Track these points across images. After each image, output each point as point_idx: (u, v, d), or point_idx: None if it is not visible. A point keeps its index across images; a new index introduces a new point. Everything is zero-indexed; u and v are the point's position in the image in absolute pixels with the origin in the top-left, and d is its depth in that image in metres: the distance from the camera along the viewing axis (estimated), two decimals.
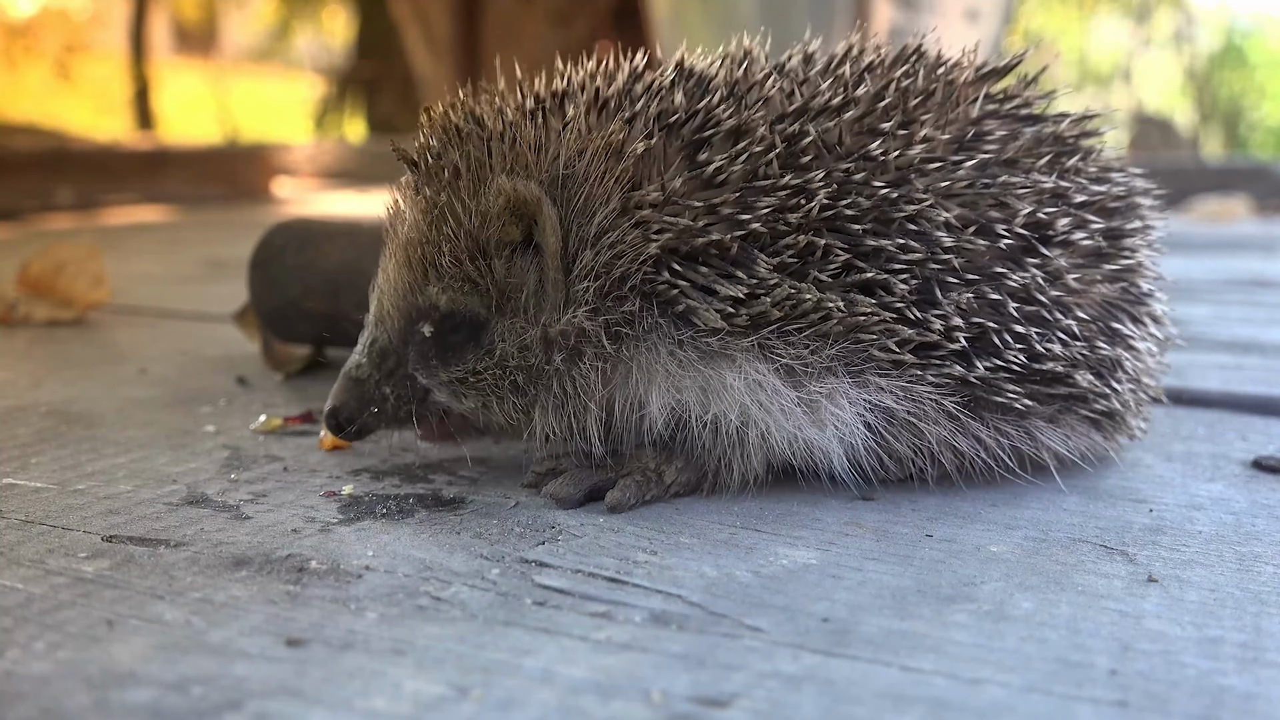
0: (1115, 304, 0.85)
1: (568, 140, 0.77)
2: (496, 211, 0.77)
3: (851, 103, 0.79)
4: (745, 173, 0.76)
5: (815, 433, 0.79)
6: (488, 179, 0.78)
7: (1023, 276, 0.78)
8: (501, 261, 0.78)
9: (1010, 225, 0.79)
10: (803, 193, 0.76)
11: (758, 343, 0.77)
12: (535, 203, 0.76)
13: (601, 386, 0.79)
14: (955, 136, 0.81)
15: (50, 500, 0.81)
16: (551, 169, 0.77)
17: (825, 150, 0.77)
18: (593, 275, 0.76)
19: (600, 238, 0.76)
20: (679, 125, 0.77)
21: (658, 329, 0.77)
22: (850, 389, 0.78)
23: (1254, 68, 12.72)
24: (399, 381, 0.83)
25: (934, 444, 0.81)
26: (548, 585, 0.66)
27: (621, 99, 0.80)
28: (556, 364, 0.78)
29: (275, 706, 0.51)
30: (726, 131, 0.77)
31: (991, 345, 0.78)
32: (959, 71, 0.85)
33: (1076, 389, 0.82)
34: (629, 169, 0.76)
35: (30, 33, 10.96)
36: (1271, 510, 0.83)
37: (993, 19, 3.83)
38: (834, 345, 0.77)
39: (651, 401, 0.79)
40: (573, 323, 0.77)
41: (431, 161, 0.81)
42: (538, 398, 0.80)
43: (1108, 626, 0.61)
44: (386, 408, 0.83)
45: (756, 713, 0.51)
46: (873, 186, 0.76)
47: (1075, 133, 0.87)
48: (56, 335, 1.57)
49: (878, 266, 0.76)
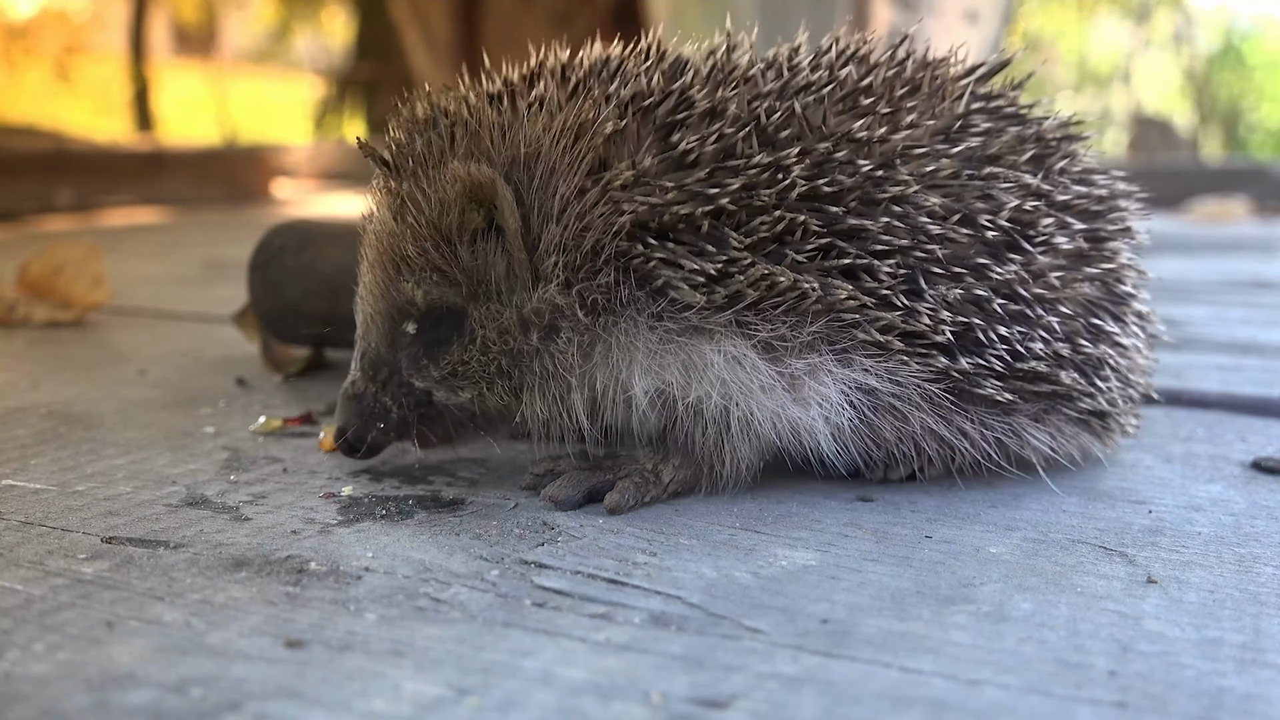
0: (1097, 303, 0.84)
1: (532, 121, 0.77)
2: (454, 197, 0.77)
3: (836, 84, 0.79)
4: (717, 152, 0.76)
5: (799, 411, 0.78)
6: (446, 166, 0.78)
7: (1006, 271, 0.78)
8: (466, 248, 0.78)
9: (995, 218, 0.79)
10: (778, 170, 0.75)
11: (735, 319, 0.76)
12: (490, 184, 0.75)
13: (581, 362, 0.78)
14: (940, 127, 0.81)
15: (50, 501, 0.81)
16: (512, 150, 0.77)
17: (807, 130, 0.77)
18: (561, 250, 0.76)
19: (565, 212, 0.76)
20: (653, 107, 0.77)
21: (635, 303, 0.77)
22: (835, 367, 0.78)
23: (1253, 69, 12.72)
24: (396, 389, 0.82)
25: (918, 430, 0.81)
26: (547, 586, 0.66)
27: (591, 80, 0.80)
28: (534, 342, 0.78)
29: (274, 708, 0.51)
30: (701, 113, 0.77)
31: (975, 343, 0.78)
32: (947, 67, 0.86)
33: (1060, 387, 0.82)
34: (597, 146, 0.76)
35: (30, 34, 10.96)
36: (1271, 511, 0.83)
37: (992, 20, 3.83)
38: (814, 323, 0.76)
39: (635, 384, 0.78)
40: (545, 299, 0.77)
41: (397, 154, 0.81)
42: (523, 380, 0.80)
43: (1107, 628, 0.61)
44: (391, 420, 0.82)
45: (756, 714, 0.51)
46: (855, 165, 0.76)
47: (1058, 135, 0.87)
48: (56, 336, 1.57)
49: (860, 248, 0.76)
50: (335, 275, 1.21)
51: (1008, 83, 0.89)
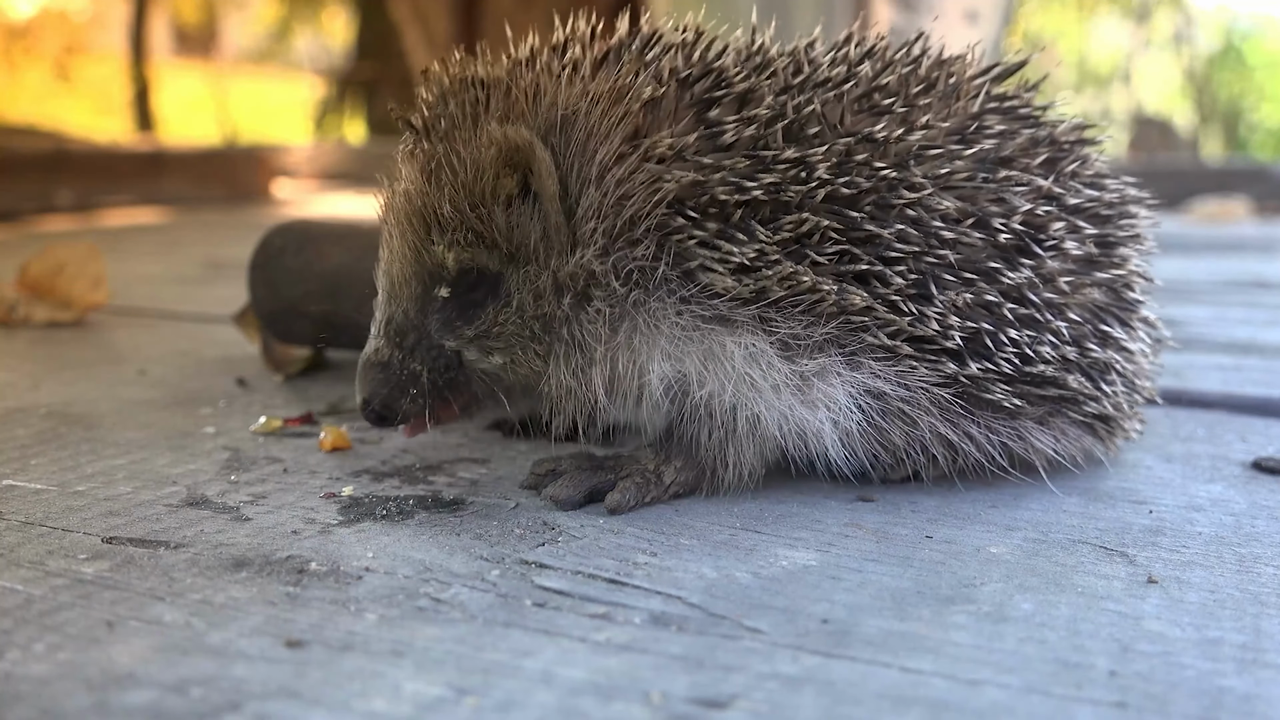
0: (1105, 308, 0.85)
1: (569, 84, 0.76)
2: (490, 160, 0.76)
3: (855, 80, 0.79)
4: (751, 139, 0.75)
5: (806, 413, 0.78)
6: (482, 128, 0.77)
7: (1017, 275, 0.78)
8: (502, 210, 0.77)
9: (1008, 221, 0.78)
10: (804, 166, 0.75)
11: (759, 313, 0.76)
12: (527, 147, 0.75)
13: (608, 336, 0.78)
14: (955, 127, 0.81)
15: (50, 502, 0.81)
16: (549, 114, 0.76)
17: (827, 127, 0.77)
18: (599, 215, 0.75)
19: (604, 177, 0.75)
20: (691, 81, 0.77)
21: (667, 282, 0.76)
22: (843, 370, 0.78)
23: (1253, 69, 12.73)
24: (426, 353, 0.81)
25: (927, 434, 0.81)
26: (547, 587, 0.66)
27: (627, 51, 0.79)
28: (565, 308, 0.77)
29: (275, 708, 0.51)
30: (737, 94, 0.77)
31: (984, 348, 0.78)
32: (961, 66, 0.86)
33: (1067, 391, 0.82)
34: (634, 111, 0.75)
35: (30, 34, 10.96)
36: (1271, 511, 0.83)
37: (992, 20, 3.83)
38: (827, 325, 0.76)
39: (653, 368, 0.78)
40: (581, 264, 0.76)
41: (429, 116, 0.81)
42: (552, 346, 0.79)
43: (1107, 628, 0.61)
44: (422, 384, 0.81)
45: (756, 714, 0.51)
46: (873, 168, 0.76)
47: (1072, 138, 0.87)
48: (56, 336, 1.57)
49: (874, 255, 0.76)
50: (335, 275, 1.21)
51: (1021, 84, 0.89)
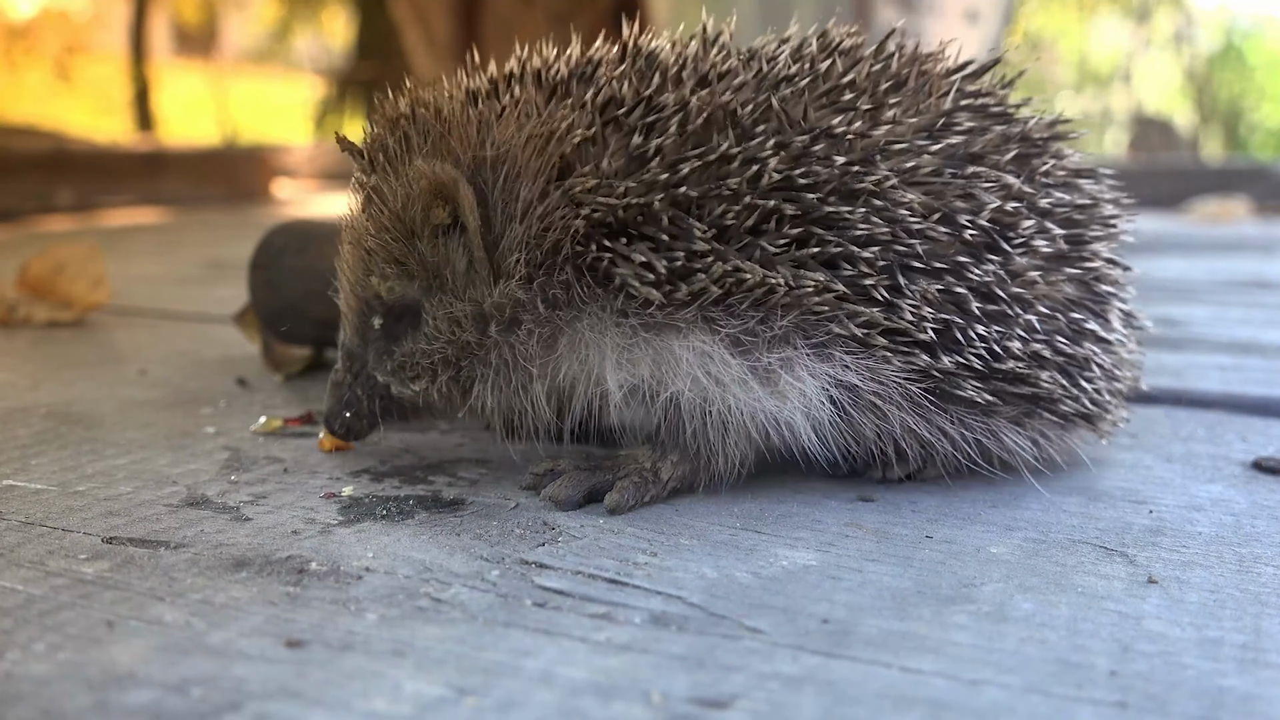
0: (1078, 301, 0.84)
1: (503, 125, 0.78)
2: (418, 194, 0.78)
3: (817, 78, 0.79)
4: (679, 144, 0.76)
5: (775, 404, 0.78)
6: (412, 164, 0.79)
7: (984, 271, 0.78)
8: (427, 243, 0.80)
9: (975, 218, 0.78)
10: (750, 160, 0.75)
11: (700, 315, 0.76)
12: (452, 184, 0.77)
13: (543, 353, 0.80)
14: (924, 124, 0.80)
15: (50, 502, 0.81)
16: (480, 151, 0.78)
17: (785, 123, 0.77)
18: (522, 247, 0.77)
19: (527, 213, 0.77)
20: (624, 115, 0.77)
21: (597, 299, 0.77)
22: (811, 361, 0.78)
23: (1254, 69, 12.72)
24: (364, 381, 0.87)
25: (898, 429, 0.81)
26: (547, 587, 0.66)
27: (572, 82, 0.80)
28: (493, 335, 0.79)
29: (275, 708, 0.51)
30: (670, 114, 0.77)
31: (954, 341, 0.78)
32: (934, 63, 0.85)
33: (1041, 389, 0.82)
34: (565, 153, 0.76)
35: (30, 34, 10.96)
36: (1271, 511, 0.83)
37: (992, 20, 3.83)
38: (784, 316, 0.76)
39: (608, 377, 0.79)
40: (506, 294, 0.78)
41: (370, 149, 0.83)
42: (475, 372, 0.81)
43: (1107, 628, 0.61)
44: (361, 409, 0.87)
45: (756, 714, 0.51)
46: (832, 160, 0.76)
47: (1044, 135, 0.86)
48: (56, 336, 1.57)
49: (839, 236, 0.75)
50: (335, 275, 1.21)
51: (998, 81, 0.88)
